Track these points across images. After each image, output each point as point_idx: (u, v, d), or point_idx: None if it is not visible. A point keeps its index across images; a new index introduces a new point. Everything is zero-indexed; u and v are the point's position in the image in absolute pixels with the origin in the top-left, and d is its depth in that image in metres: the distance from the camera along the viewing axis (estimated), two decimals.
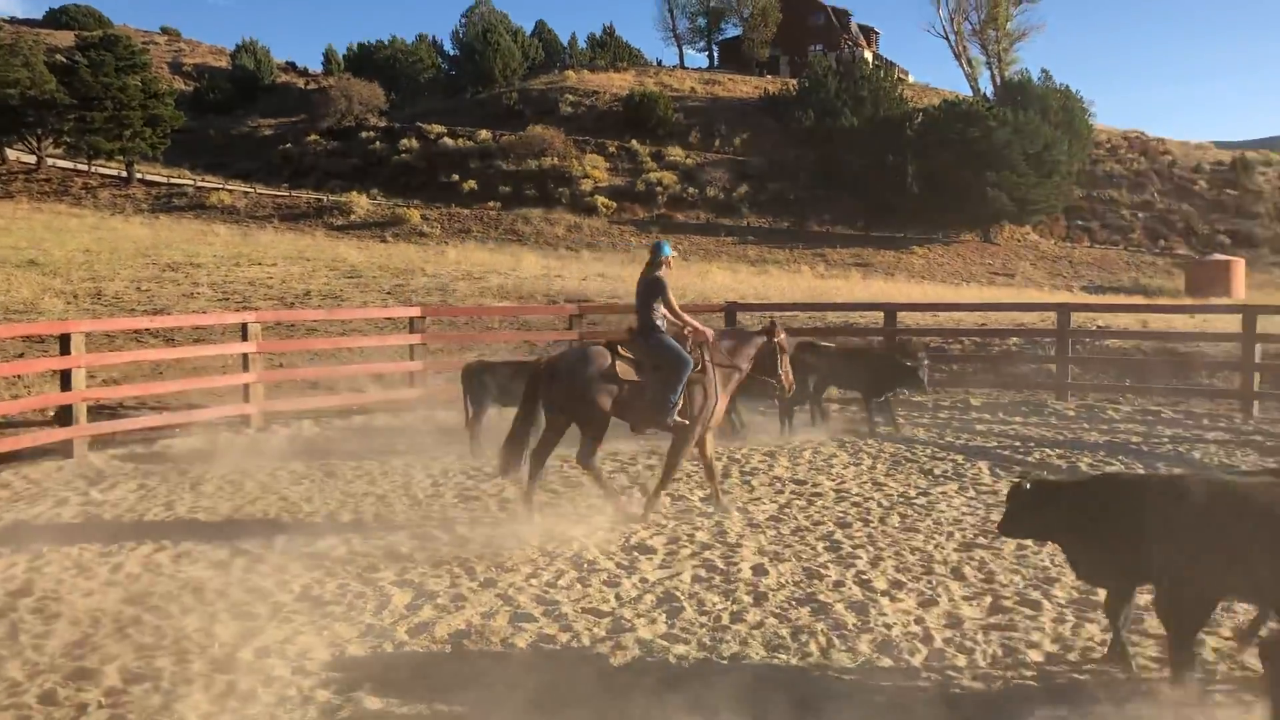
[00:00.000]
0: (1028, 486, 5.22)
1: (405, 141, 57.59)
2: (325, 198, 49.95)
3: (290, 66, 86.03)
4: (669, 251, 8.32)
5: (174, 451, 10.73)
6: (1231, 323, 14.64)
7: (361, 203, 48.15)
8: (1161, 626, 4.93)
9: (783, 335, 8.55)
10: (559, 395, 7.84)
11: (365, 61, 74.80)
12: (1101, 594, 5.38)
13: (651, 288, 8.07)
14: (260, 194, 50.44)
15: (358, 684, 4.98)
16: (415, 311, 13.54)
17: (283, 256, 27.37)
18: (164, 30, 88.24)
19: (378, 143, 58.24)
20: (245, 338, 12.04)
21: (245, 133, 64.03)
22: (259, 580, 6.54)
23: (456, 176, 53.46)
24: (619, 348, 7.98)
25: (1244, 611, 5.75)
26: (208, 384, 12.40)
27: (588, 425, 7.89)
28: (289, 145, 59.90)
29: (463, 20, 75.88)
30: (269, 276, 22.98)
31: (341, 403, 13.00)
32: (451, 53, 76.79)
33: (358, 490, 9.02)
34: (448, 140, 57.19)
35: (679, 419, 7.93)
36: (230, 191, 49.79)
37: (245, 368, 12.04)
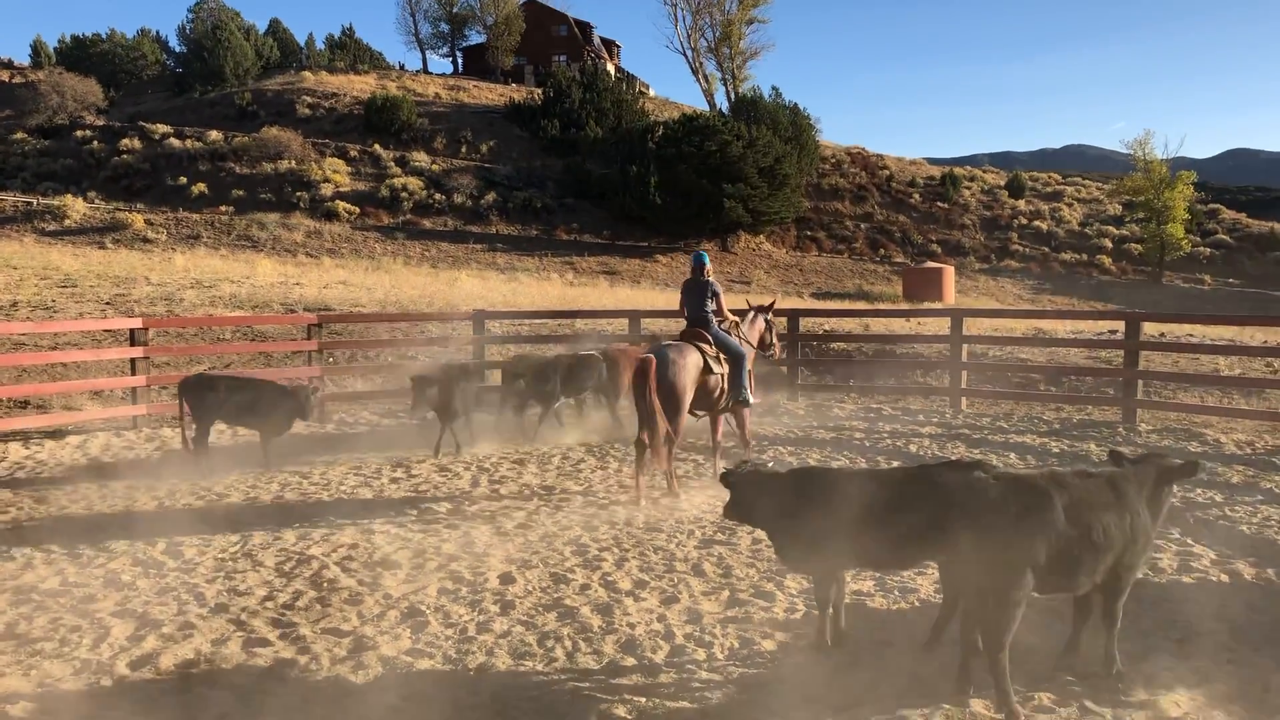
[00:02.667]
0: (740, 473, 5.51)
1: (127, 141, 53.50)
2: (35, 200, 45.62)
3: None
4: (708, 260, 9.71)
5: None
6: (942, 325, 15.93)
7: (77, 206, 44.38)
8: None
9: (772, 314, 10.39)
10: (665, 389, 8.56)
11: (80, 55, 68.99)
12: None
13: (705, 289, 9.40)
14: None
15: None
16: (137, 323, 12.62)
17: None
18: None
19: (95, 142, 53.74)
20: None
21: None
22: None
23: (184, 179, 50.23)
24: (703, 347, 9.04)
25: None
26: None
27: (679, 416, 8.73)
28: None
29: (190, 16, 71.52)
30: None
31: (55, 422, 11.97)
32: (178, 49, 72.20)
33: (73, 516, 8.32)
34: (174, 141, 53.66)
35: (743, 398, 9.39)
36: None
37: None
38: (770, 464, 5.87)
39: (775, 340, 10.51)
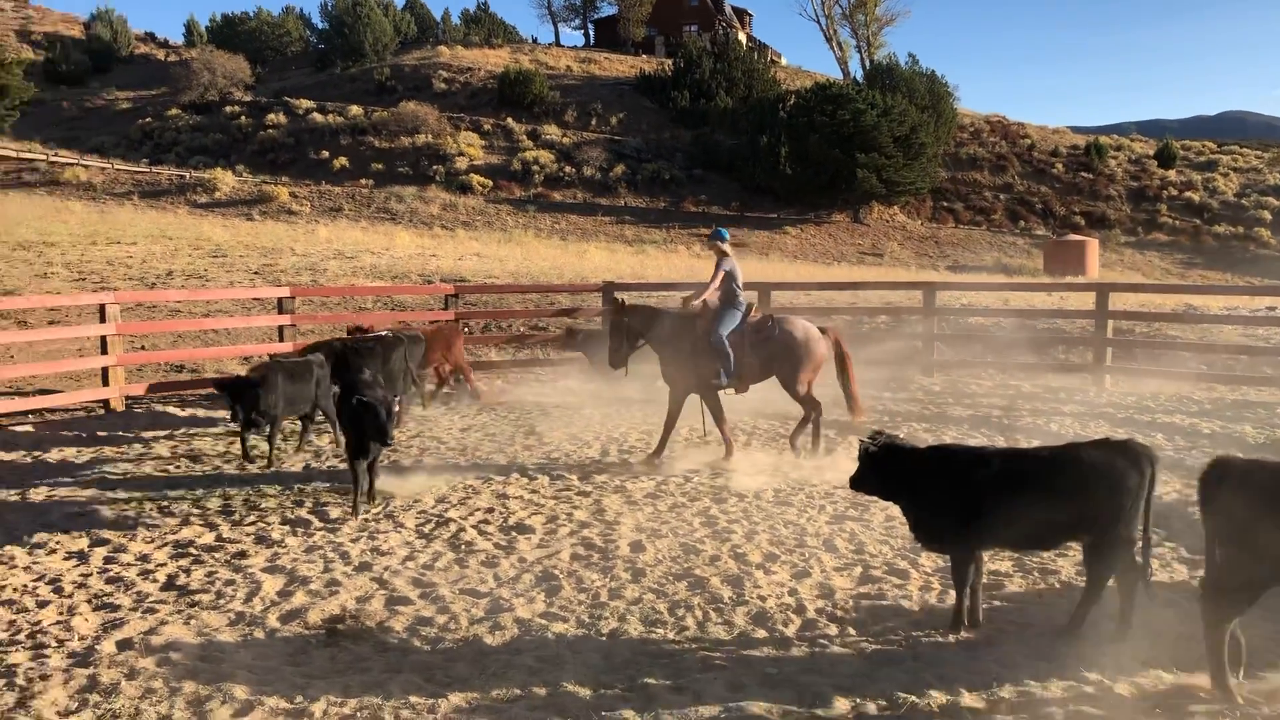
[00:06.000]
0: (872, 449, 5.41)
1: (272, 117, 55.63)
2: (188, 174, 47.87)
3: (149, 37, 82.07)
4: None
5: (25, 438, 10.20)
6: (1086, 300, 15.33)
7: (227, 180, 46.38)
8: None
9: None
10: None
11: (229, 33, 72.15)
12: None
13: None
14: (118, 170, 47.98)
15: (228, 674, 4.85)
16: (284, 291, 13.15)
17: (143, 235, 26.16)
18: None
19: (243, 118, 56.08)
20: (103, 319, 11.53)
21: (101, 105, 60.89)
22: (121, 570, 6.30)
23: (326, 153, 51.99)
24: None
25: None
26: (63, 368, 11.83)
27: None
28: (149, 119, 57.17)
29: None
30: (129, 256, 21.95)
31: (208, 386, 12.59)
32: (320, 26, 74.54)
33: (225, 475, 8.75)
34: (317, 116, 55.54)
35: None
36: (86, 167, 47.24)
37: (104, 351, 11.53)
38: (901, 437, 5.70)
39: None
